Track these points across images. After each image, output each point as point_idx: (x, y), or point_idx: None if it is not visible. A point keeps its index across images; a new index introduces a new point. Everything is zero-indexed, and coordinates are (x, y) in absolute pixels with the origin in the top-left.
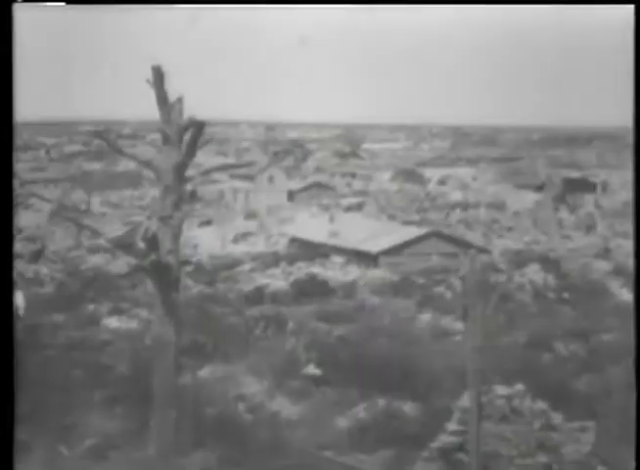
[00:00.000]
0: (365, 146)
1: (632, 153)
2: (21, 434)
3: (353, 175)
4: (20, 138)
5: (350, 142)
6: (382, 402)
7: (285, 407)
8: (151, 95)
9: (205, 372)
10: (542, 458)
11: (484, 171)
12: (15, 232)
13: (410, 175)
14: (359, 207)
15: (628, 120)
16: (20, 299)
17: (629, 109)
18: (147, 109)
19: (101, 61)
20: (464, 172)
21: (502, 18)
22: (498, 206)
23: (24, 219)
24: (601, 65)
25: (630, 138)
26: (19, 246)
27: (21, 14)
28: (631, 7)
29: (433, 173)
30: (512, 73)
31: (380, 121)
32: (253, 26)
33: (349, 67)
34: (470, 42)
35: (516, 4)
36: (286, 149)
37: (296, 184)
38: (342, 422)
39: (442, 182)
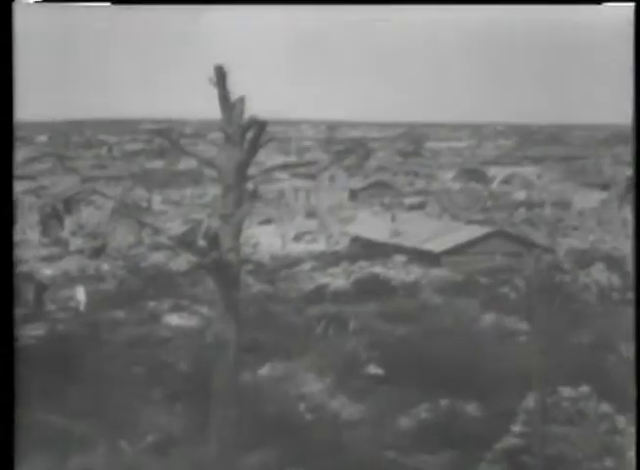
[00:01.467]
0: (428, 144)
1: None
2: (83, 428)
3: (416, 174)
4: (82, 136)
5: (413, 141)
6: (444, 403)
7: (346, 407)
8: (213, 94)
9: (265, 371)
10: (608, 462)
11: (549, 170)
12: (76, 228)
13: (474, 174)
14: (422, 206)
15: None
16: (81, 294)
17: None
18: (209, 108)
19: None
20: (528, 171)
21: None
22: (563, 205)
23: (86, 216)
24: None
25: None
26: (80, 242)
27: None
28: (631, 5)
29: (497, 172)
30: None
31: (443, 120)
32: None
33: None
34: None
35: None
36: (348, 148)
37: (357, 183)
38: (405, 422)
39: (507, 181)
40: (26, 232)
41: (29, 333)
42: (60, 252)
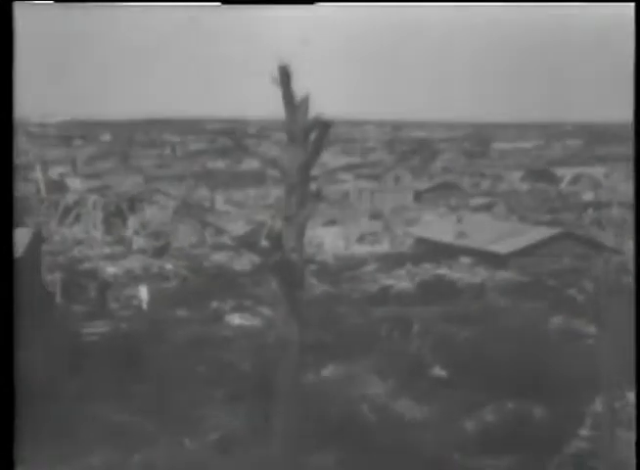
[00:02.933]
0: (495, 145)
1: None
2: (146, 425)
3: (482, 175)
4: (146, 135)
5: (480, 141)
6: (510, 406)
7: (409, 409)
8: (277, 94)
9: (328, 372)
10: None
11: (617, 169)
12: (139, 227)
13: (541, 175)
14: (488, 207)
15: None
16: (144, 293)
17: None
18: (273, 108)
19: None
20: (596, 171)
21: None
22: (631, 205)
23: (149, 215)
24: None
25: None
26: (143, 241)
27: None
28: (631, 5)
29: (564, 172)
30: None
31: (510, 120)
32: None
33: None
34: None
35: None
36: (413, 148)
37: (422, 184)
38: (469, 425)
39: (575, 181)
40: (90, 231)
41: (93, 330)
42: (123, 250)
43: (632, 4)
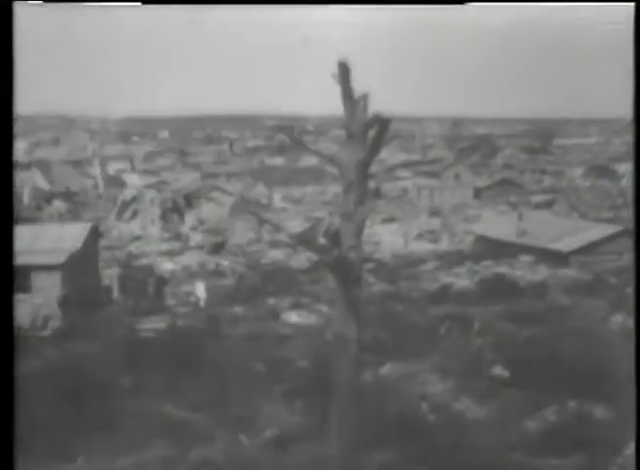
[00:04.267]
0: (556, 141)
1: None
2: (203, 421)
3: (543, 172)
4: (203, 131)
5: (541, 137)
6: (572, 405)
7: (470, 408)
8: (336, 91)
9: (386, 370)
10: None
11: None
12: (196, 224)
13: (603, 171)
14: (549, 204)
15: None
16: (201, 290)
17: None
18: (331, 104)
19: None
20: None
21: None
22: None
23: (207, 212)
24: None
25: None
26: (200, 237)
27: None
28: (631, 5)
29: (626, 169)
30: None
31: (571, 116)
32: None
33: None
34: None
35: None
36: (473, 145)
37: (482, 181)
38: (531, 424)
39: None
40: (147, 226)
41: (149, 326)
42: (180, 247)
43: (632, 3)
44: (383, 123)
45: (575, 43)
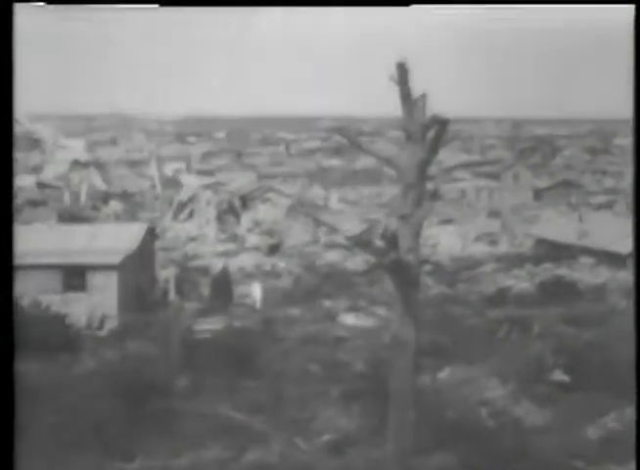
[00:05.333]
0: (617, 141)
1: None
2: (258, 423)
3: (604, 172)
4: (260, 132)
5: (602, 138)
6: (631, 411)
7: (530, 413)
8: (393, 92)
9: (445, 374)
10: None
11: None
12: (252, 225)
13: None
14: (610, 205)
15: None
16: (257, 291)
17: None
18: (388, 105)
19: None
20: None
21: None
22: None
23: (263, 213)
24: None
25: None
26: (256, 239)
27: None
28: (632, 7)
29: None
30: None
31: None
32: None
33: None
34: None
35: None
36: (533, 145)
37: (542, 182)
38: (592, 431)
39: None
40: (203, 228)
41: (206, 327)
42: (236, 248)
43: (632, 5)
44: (442, 124)
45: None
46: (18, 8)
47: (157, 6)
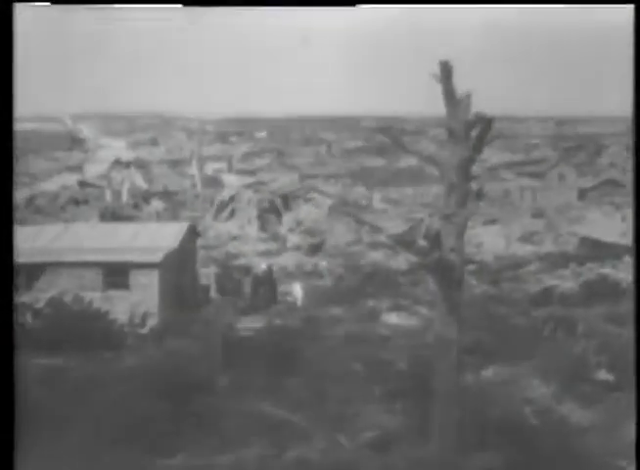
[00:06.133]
0: None
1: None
2: (301, 421)
3: None
4: (301, 132)
5: None
6: None
7: (574, 412)
8: (435, 91)
9: (488, 373)
10: None
11: None
12: (294, 225)
13: None
14: None
15: None
16: (298, 290)
17: None
18: (431, 104)
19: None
20: None
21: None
22: None
23: (304, 213)
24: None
25: None
26: (298, 238)
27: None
28: (631, 7)
29: None
30: None
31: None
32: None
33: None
34: None
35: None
36: (578, 144)
37: (587, 182)
38: (636, 430)
39: None
40: (245, 227)
41: (247, 325)
42: (277, 247)
43: (632, 5)
44: (486, 123)
45: None
46: (19, 8)
47: (193, 6)
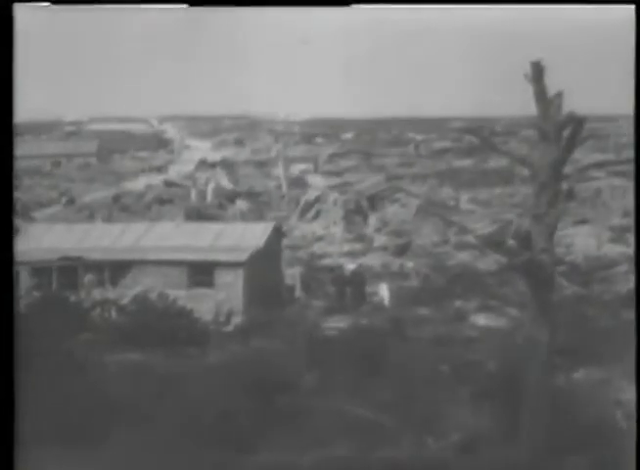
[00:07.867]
0: None
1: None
2: (387, 422)
3: None
4: (388, 133)
5: None
6: None
7: None
8: (526, 91)
9: (579, 375)
10: None
11: None
12: (380, 225)
13: None
14: None
15: None
16: (384, 291)
17: None
18: (522, 104)
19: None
20: None
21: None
22: None
23: (391, 214)
24: None
25: None
26: (384, 239)
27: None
28: (632, 7)
29: None
30: None
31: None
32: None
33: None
34: None
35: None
36: None
37: None
38: None
39: None
40: (330, 227)
41: (333, 325)
42: (363, 248)
43: (633, 5)
44: (578, 123)
45: None
46: (18, 8)
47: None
